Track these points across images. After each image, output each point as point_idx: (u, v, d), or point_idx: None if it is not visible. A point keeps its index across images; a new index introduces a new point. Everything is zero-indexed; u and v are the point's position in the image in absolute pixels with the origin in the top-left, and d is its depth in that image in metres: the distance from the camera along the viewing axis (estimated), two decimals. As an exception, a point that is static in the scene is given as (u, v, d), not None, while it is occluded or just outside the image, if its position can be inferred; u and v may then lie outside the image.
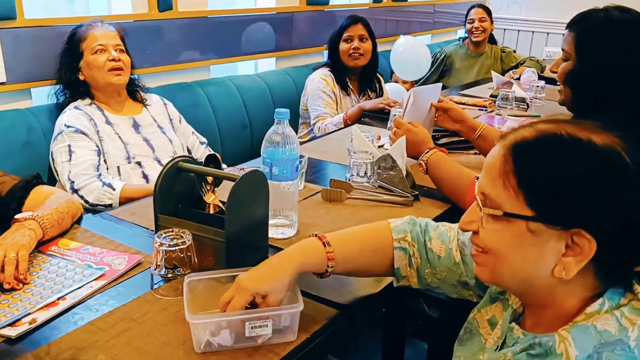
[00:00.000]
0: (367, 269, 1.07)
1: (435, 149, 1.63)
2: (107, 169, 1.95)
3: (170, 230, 1.12)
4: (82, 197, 1.87)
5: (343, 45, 2.83)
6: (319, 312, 1.06)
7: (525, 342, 0.79)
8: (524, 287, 0.80)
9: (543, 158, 0.75)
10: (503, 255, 0.78)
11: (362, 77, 2.93)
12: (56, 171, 1.94)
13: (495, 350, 0.88)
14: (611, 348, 0.70)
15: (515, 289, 0.83)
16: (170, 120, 2.23)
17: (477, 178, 1.45)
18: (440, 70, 3.97)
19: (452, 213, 1.53)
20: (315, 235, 1.02)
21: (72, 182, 1.87)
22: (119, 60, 2.00)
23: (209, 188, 1.28)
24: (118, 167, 1.97)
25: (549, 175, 0.73)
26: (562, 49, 1.59)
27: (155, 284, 1.12)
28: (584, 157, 0.73)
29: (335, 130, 2.48)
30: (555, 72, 1.64)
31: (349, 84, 2.88)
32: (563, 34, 1.61)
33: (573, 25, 1.55)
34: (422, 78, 3.89)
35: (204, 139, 2.33)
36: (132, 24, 2.53)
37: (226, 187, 1.16)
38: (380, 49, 4.25)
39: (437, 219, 1.49)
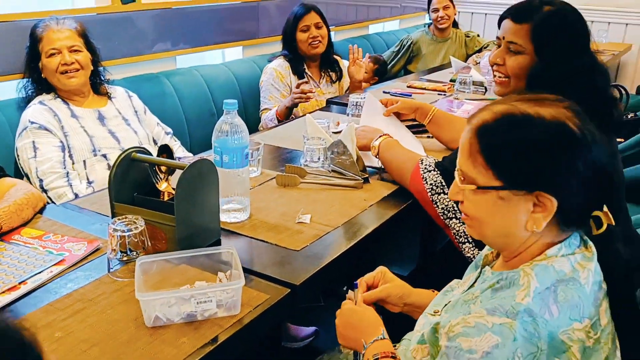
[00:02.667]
0: None
1: (387, 136, 1.72)
2: (73, 163, 2.01)
3: (125, 217, 1.20)
4: (50, 198, 1.93)
5: (301, 35, 2.87)
6: (263, 288, 1.14)
7: (493, 279, 0.92)
8: (505, 241, 0.93)
9: (502, 136, 0.89)
10: (484, 220, 0.92)
11: (321, 62, 3.02)
12: (22, 167, 2.00)
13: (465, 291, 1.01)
14: (565, 284, 0.86)
15: (499, 244, 0.97)
16: (135, 112, 2.28)
17: (422, 161, 1.57)
18: (407, 57, 4.03)
19: (400, 194, 1.62)
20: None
21: (41, 181, 1.94)
22: (72, 63, 2.02)
23: (162, 177, 1.36)
24: (84, 161, 2.03)
25: (509, 150, 0.88)
26: (509, 40, 1.49)
27: (113, 267, 1.20)
28: (534, 131, 0.86)
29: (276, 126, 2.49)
30: (500, 64, 1.52)
31: (307, 71, 2.94)
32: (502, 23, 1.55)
33: (521, 16, 1.46)
34: (389, 65, 3.96)
35: (169, 129, 2.39)
36: (96, 16, 2.57)
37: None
38: (353, 34, 4.32)
39: (386, 199, 1.59)
